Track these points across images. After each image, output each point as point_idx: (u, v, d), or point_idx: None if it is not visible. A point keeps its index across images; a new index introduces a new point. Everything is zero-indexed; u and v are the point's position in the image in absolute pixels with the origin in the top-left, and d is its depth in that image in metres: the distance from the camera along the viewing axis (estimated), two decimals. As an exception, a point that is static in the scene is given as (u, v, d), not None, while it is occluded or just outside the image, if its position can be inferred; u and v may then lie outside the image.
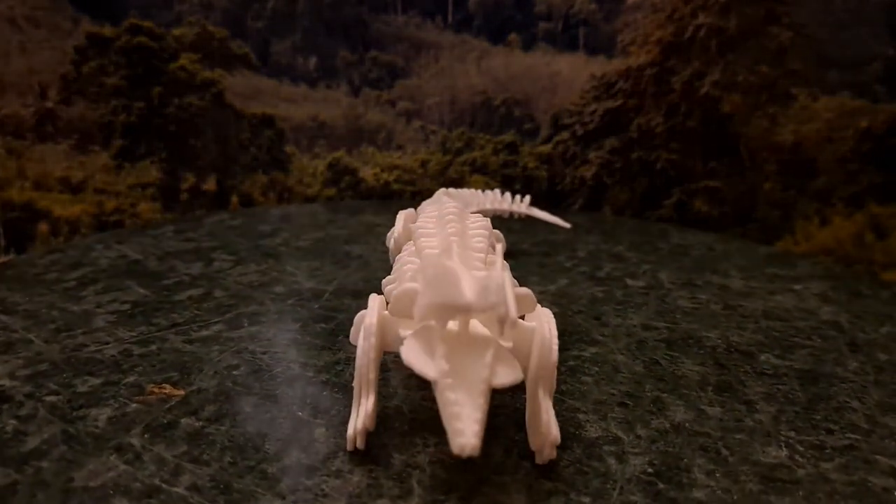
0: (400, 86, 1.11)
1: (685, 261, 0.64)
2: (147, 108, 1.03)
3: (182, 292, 0.48)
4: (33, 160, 1.01)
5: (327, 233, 0.68)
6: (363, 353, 0.30)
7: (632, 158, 1.04)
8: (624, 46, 1.04)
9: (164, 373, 0.35)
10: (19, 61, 0.99)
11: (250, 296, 0.48)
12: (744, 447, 0.33)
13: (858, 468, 0.32)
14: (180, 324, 0.42)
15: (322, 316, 0.45)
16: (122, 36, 1.02)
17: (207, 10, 1.07)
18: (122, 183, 1.04)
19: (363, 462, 0.29)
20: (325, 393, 0.35)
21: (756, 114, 0.99)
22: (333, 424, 0.32)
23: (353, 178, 1.10)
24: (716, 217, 1.00)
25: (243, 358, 0.38)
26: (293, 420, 0.32)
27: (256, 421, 0.32)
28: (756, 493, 0.29)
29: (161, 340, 0.39)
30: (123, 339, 0.38)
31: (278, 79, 1.10)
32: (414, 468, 0.29)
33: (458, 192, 0.61)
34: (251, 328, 0.42)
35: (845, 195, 0.96)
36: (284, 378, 0.36)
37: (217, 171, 1.07)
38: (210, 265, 0.54)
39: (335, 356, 0.39)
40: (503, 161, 1.09)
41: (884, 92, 0.95)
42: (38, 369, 0.35)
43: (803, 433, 0.35)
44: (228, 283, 0.50)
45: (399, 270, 0.36)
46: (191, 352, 0.38)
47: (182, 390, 0.33)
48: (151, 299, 0.45)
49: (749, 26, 0.97)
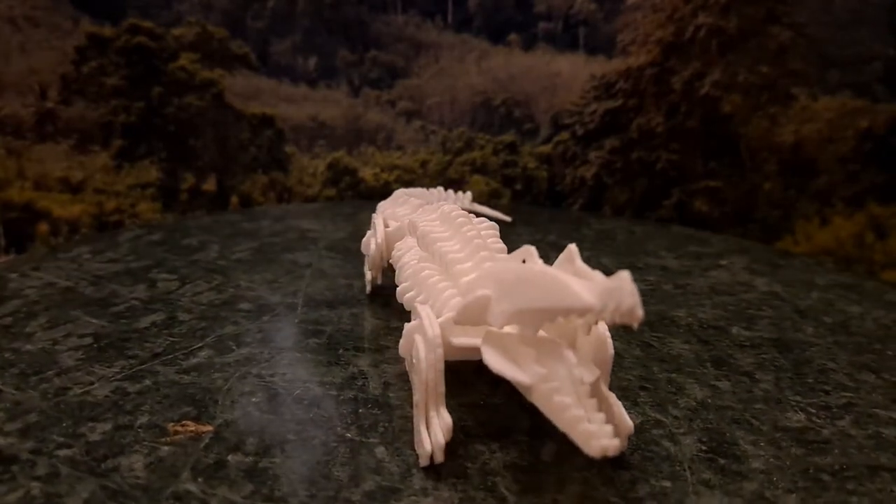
0: (400, 86, 1.11)
1: (616, 245, 0.66)
2: (147, 108, 1.03)
3: (141, 319, 0.44)
4: (33, 160, 1.01)
5: (261, 242, 0.65)
6: (430, 366, 0.28)
7: (632, 158, 1.04)
8: (624, 46, 1.04)
9: (177, 409, 0.33)
10: (19, 61, 0.99)
11: (219, 316, 0.45)
12: (767, 415, 0.38)
13: (867, 422, 0.35)
14: (162, 353, 0.39)
15: (308, 331, 0.44)
16: (121, 36, 1.02)
17: (207, 10, 1.07)
18: (122, 183, 1.04)
19: (441, 476, 0.28)
20: (361, 410, 0.34)
21: (756, 114, 0.99)
22: (388, 441, 0.31)
23: (353, 178, 1.10)
24: (716, 217, 1.00)
25: (253, 383, 0.36)
26: (345, 442, 0.31)
27: (308, 448, 0.30)
28: (802, 457, 0.32)
29: (151, 374, 0.37)
30: (108, 377, 0.37)
31: (278, 79, 1.10)
32: (494, 475, 0.29)
33: (418, 190, 0.60)
34: (241, 351, 0.40)
35: (845, 195, 0.96)
36: (309, 399, 0.35)
37: (217, 172, 1.07)
38: (154, 287, 0.51)
39: (348, 370, 0.38)
40: (503, 161, 1.09)
41: (884, 92, 0.95)
42: (29, 421, 0.32)
43: (807, 396, 0.39)
44: (187, 305, 0.47)
45: (418, 278, 0.35)
46: (192, 383, 0.36)
47: (208, 425, 0.31)
48: (112, 330, 0.42)
49: (749, 26, 0.97)
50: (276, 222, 0.70)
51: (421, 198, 0.56)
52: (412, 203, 0.49)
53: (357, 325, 0.45)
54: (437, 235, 0.38)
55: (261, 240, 0.63)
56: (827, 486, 0.29)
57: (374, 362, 0.40)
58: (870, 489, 0.30)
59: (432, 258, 0.37)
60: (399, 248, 0.44)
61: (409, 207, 0.49)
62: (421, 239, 0.39)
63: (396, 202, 0.52)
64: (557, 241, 0.70)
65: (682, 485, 0.28)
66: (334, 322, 0.44)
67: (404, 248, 0.42)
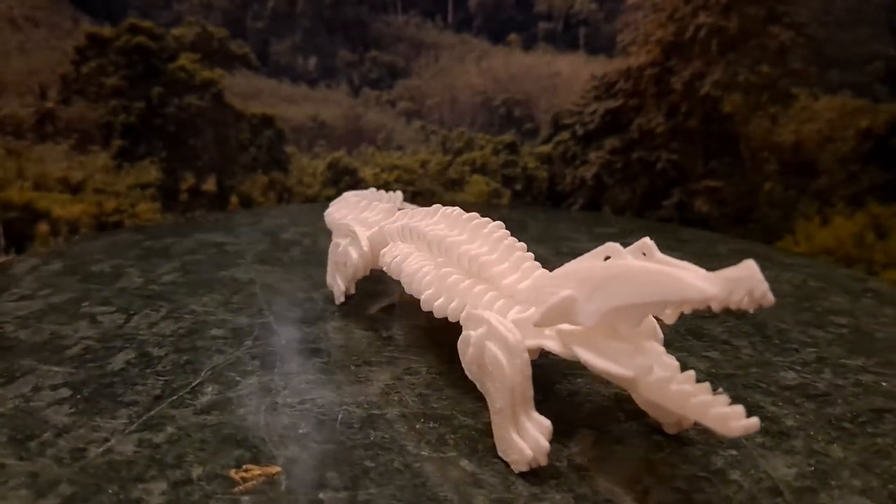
0: (400, 86, 1.11)
1: (534, 233, 0.70)
2: (147, 108, 1.03)
3: (111, 360, 0.40)
4: (33, 160, 1.01)
5: (182, 261, 0.60)
6: (517, 372, 0.28)
7: (632, 158, 1.04)
8: (624, 46, 1.04)
9: (226, 453, 0.30)
10: (19, 61, 0.99)
11: (196, 346, 0.41)
12: (767, 378, 0.40)
13: (844, 372, 0.40)
14: (163, 396, 0.35)
15: (304, 351, 0.42)
16: (121, 36, 1.02)
17: (207, 10, 1.07)
18: (122, 183, 1.04)
19: (542, 480, 0.29)
20: (418, 426, 0.33)
21: (757, 114, 0.99)
22: (466, 453, 0.31)
23: (353, 178, 1.10)
24: (716, 217, 1.00)
25: (288, 414, 0.34)
26: (426, 460, 0.30)
27: (395, 472, 0.29)
28: (817, 410, 0.36)
29: (168, 420, 0.33)
30: (120, 430, 0.32)
31: (278, 79, 1.10)
32: (586, 470, 0.30)
33: (366, 192, 0.57)
34: (248, 381, 0.38)
35: (846, 195, 0.96)
36: (358, 422, 0.34)
37: (217, 172, 1.07)
38: (98, 323, 0.45)
39: (374, 386, 0.37)
40: (503, 161, 1.09)
41: (884, 91, 0.95)
42: (64, 494, 0.28)
43: (785, 356, 0.43)
44: (152, 339, 0.43)
45: (447, 284, 0.34)
46: (221, 423, 0.33)
47: (274, 466, 0.29)
48: (86, 376, 0.37)
49: (750, 26, 0.97)
50: (183, 238, 0.67)
51: (374, 198, 0.54)
52: (381, 207, 0.48)
53: (349, 339, 0.44)
54: (455, 239, 0.37)
55: (179, 259, 0.60)
56: (853, 432, 0.34)
57: (395, 375, 0.40)
58: (886, 429, 0.35)
59: (456, 262, 0.37)
60: (392, 255, 0.43)
61: (377, 212, 0.47)
62: (435, 244, 0.38)
63: (357, 207, 0.51)
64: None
65: (746, 451, 0.32)
66: (324, 339, 0.43)
67: (401, 255, 0.41)
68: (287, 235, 0.70)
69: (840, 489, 0.29)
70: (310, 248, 0.66)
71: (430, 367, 0.39)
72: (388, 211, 0.47)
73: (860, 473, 0.31)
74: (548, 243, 0.69)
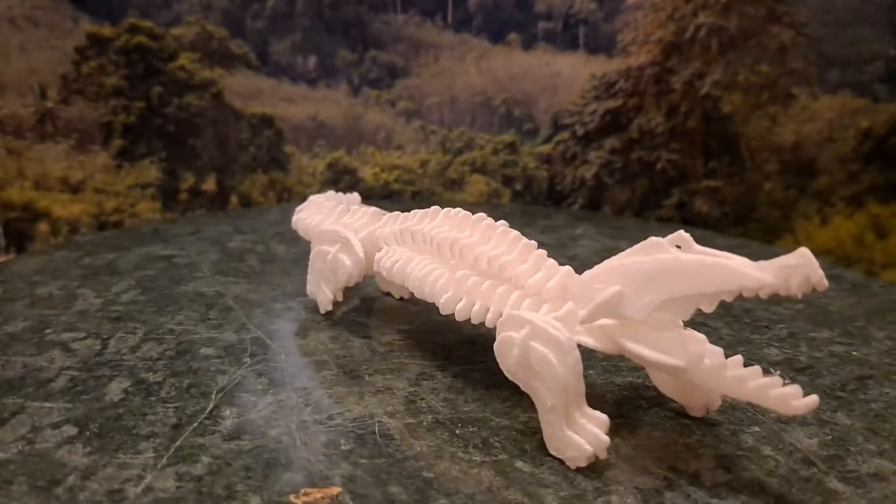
0: (400, 85, 1.11)
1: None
2: (146, 107, 1.03)
3: (105, 390, 0.37)
4: (33, 160, 1.01)
5: (135, 278, 0.55)
6: (570, 369, 0.29)
7: (632, 158, 1.04)
8: (624, 46, 1.04)
9: (276, 479, 0.29)
10: (19, 61, 0.99)
11: (192, 368, 0.39)
12: (754, 355, 0.43)
13: (817, 345, 0.44)
14: (182, 424, 0.33)
15: (309, 364, 0.41)
16: (121, 36, 1.02)
17: (207, 10, 1.07)
18: (122, 183, 1.04)
19: (600, 473, 0.30)
20: (458, 431, 0.32)
21: (757, 114, 0.99)
22: (516, 454, 0.31)
23: (353, 177, 1.10)
24: (716, 217, 1.00)
25: (322, 431, 0.33)
26: (480, 465, 0.29)
27: (454, 480, 0.28)
28: (810, 383, 0.39)
29: (199, 449, 0.31)
30: (152, 466, 0.30)
31: (278, 78, 1.10)
32: (638, 459, 0.31)
33: (328, 194, 0.56)
34: (266, 400, 0.36)
35: (846, 195, 0.96)
36: (397, 433, 0.32)
37: (216, 171, 1.07)
38: (72, 351, 0.42)
39: (397, 395, 0.36)
40: (503, 161, 1.09)
41: (885, 91, 0.95)
42: None
43: (760, 333, 0.45)
44: (139, 364, 0.40)
45: (466, 286, 0.34)
46: (258, 447, 0.32)
47: (334, 487, 0.29)
48: (87, 410, 0.34)
49: (750, 26, 0.97)
50: (124, 252, 0.62)
51: (346, 201, 0.53)
52: (364, 212, 0.46)
53: (349, 348, 0.43)
54: (469, 241, 0.37)
55: (129, 275, 0.56)
56: (849, 400, 0.36)
57: (411, 382, 0.40)
58: (874, 395, 0.37)
59: (472, 264, 0.36)
60: (391, 259, 0.42)
61: (360, 217, 0.46)
62: (447, 247, 0.38)
63: (333, 212, 0.49)
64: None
65: (767, 426, 0.34)
66: (323, 350, 0.42)
67: (402, 259, 0.41)
68: (234, 244, 0.68)
69: (860, 454, 0.32)
70: (265, 256, 0.63)
71: (442, 371, 0.39)
72: (373, 215, 0.46)
73: (871, 438, 0.34)
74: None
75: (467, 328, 0.46)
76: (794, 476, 0.30)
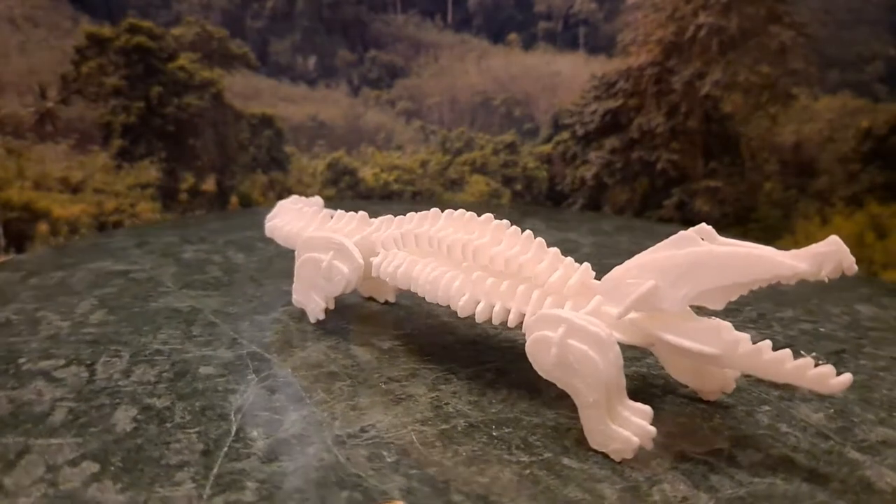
0: (400, 85, 1.11)
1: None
2: (146, 107, 1.03)
3: (112, 421, 0.35)
4: (33, 160, 1.01)
5: (98, 297, 0.53)
6: (611, 364, 0.29)
7: (632, 158, 1.04)
8: (624, 46, 1.04)
9: (334, 498, 0.29)
10: (19, 61, 0.99)
11: (196, 391, 0.39)
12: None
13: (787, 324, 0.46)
14: (210, 450, 0.32)
15: (318, 377, 0.39)
16: (121, 36, 1.02)
17: (207, 10, 1.07)
18: (122, 183, 1.04)
19: (643, 464, 0.30)
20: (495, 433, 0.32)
21: (757, 114, 0.99)
22: (560, 451, 0.30)
23: (353, 177, 1.10)
24: (716, 217, 1.00)
25: (359, 445, 0.32)
26: (530, 466, 0.29)
27: (510, 484, 0.28)
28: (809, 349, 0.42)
29: (239, 475, 0.31)
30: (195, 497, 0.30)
31: (277, 79, 1.10)
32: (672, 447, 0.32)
33: (292, 198, 0.54)
34: (290, 418, 0.35)
35: (846, 195, 0.96)
36: (438, 440, 0.31)
37: (216, 171, 1.07)
38: (58, 381, 0.40)
39: (420, 402, 0.35)
40: (503, 161, 1.09)
41: (885, 91, 0.95)
42: None
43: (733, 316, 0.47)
44: (137, 390, 0.39)
45: (484, 288, 0.34)
46: (300, 468, 0.31)
47: (396, 500, 0.29)
48: (104, 444, 0.33)
49: (750, 26, 0.97)
50: (72, 270, 0.56)
51: (299, 204, 0.51)
52: (351, 216, 0.45)
53: (354, 357, 0.42)
54: (481, 242, 0.37)
55: (88, 294, 0.52)
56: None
57: (429, 387, 0.39)
58: (852, 368, 0.40)
59: (487, 265, 0.36)
60: (393, 264, 0.42)
61: (347, 221, 0.45)
62: (458, 248, 0.37)
63: (314, 218, 0.47)
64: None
65: (775, 404, 0.36)
66: (328, 362, 0.41)
67: (405, 263, 0.40)
68: (189, 255, 0.64)
69: (864, 424, 0.34)
70: (227, 266, 0.61)
71: (456, 374, 0.39)
72: (361, 220, 0.45)
73: (867, 408, 0.35)
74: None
75: (463, 329, 0.46)
76: (817, 450, 0.32)
